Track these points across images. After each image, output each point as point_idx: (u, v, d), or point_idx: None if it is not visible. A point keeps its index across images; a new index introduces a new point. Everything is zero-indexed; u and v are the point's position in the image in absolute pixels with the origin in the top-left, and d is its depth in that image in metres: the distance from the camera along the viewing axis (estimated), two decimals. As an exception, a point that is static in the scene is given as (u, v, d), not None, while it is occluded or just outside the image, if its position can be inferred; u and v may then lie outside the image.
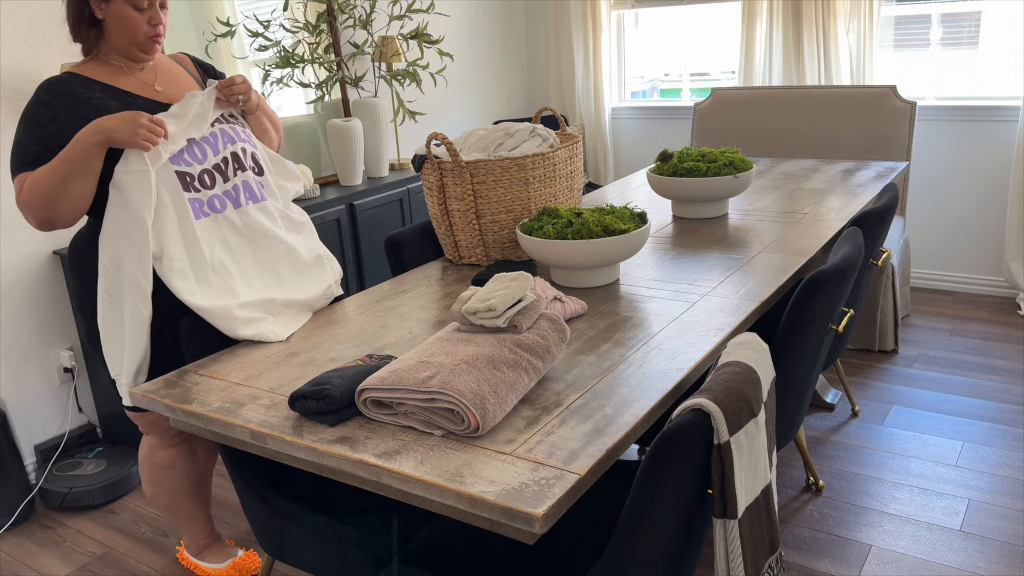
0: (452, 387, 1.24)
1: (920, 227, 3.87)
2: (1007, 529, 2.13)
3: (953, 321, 3.49)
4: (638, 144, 4.60)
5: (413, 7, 3.90)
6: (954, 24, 3.60)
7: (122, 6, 1.72)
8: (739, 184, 2.41)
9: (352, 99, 3.65)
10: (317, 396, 1.32)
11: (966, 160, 3.67)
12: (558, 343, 1.45)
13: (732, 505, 1.20)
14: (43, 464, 2.69)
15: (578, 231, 1.85)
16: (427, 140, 2.09)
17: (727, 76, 4.32)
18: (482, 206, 2.08)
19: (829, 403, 2.83)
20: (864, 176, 2.88)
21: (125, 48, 1.77)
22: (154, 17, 1.76)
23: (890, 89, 3.44)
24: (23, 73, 2.55)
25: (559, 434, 1.24)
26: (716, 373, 1.27)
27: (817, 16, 3.74)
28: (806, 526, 2.21)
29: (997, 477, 2.36)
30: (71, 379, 2.78)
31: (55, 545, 2.40)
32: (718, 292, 1.82)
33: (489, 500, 1.09)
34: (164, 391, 1.51)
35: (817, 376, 1.99)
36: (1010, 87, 3.54)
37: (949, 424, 2.66)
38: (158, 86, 1.84)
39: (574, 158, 2.20)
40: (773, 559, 1.33)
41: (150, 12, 1.75)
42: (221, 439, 1.42)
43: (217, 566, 2.15)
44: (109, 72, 1.79)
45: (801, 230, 2.27)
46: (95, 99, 1.73)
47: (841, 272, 1.73)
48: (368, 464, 1.21)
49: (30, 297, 2.65)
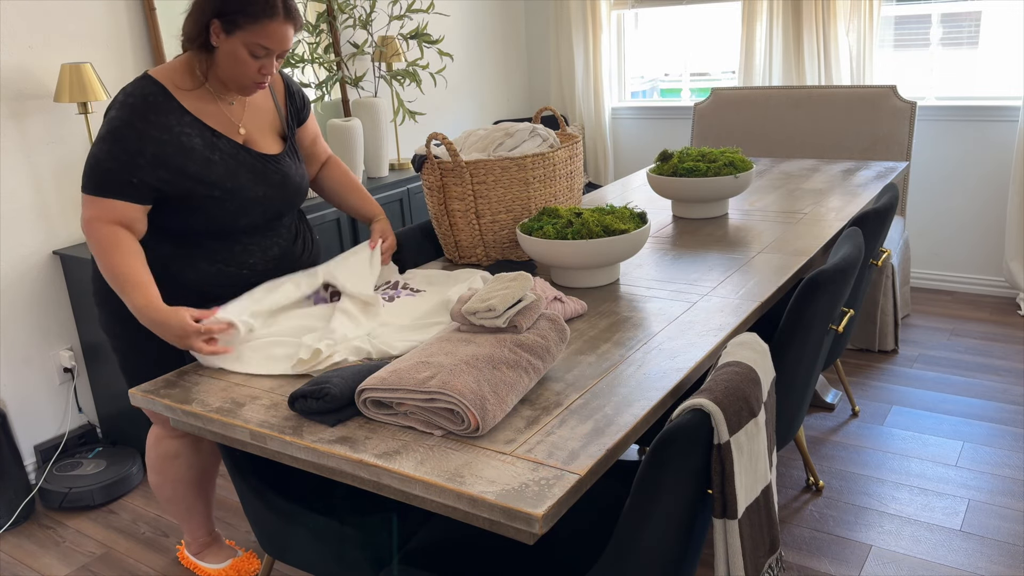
0: (452, 387, 1.24)
1: (920, 227, 3.87)
2: (1007, 529, 2.13)
3: (953, 321, 3.49)
4: (638, 144, 4.60)
5: (413, 7, 3.90)
6: (954, 24, 3.60)
7: (238, 47, 1.64)
8: (739, 184, 2.41)
9: (352, 99, 3.65)
10: (317, 396, 1.32)
11: (966, 160, 3.67)
12: (558, 343, 1.45)
13: (732, 505, 1.19)
14: (43, 464, 2.69)
15: (578, 231, 1.85)
16: (427, 140, 2.09)
17: (727, 76, 4.32)
18: (482, 206, 2.08)
19: (829, 403, 2.83)
20: (864, 176, 2.88)
21: (227, 82, 1.71)
22: (266, 67, 1.68)
23: (890, 89, 3.44)
24: (23, 73, 2.55)
25: (559, 434, 1.24)
26: (716, 373, 1.27)
27: (817, 16, 3.74)
28: (806, 526, 2.21)
29: (997, 477, 2.36)
30: (71, 379, 2.78)
31: (55, 545, 2.40)
32: (718, 292, 1.82)
33: (489, 500, 1.08)
34: (164, 391, 1.51)
35: (817, 376, 1.99)
36: (1010, 87, 3.54)
37: (949, 424, 2.66)
38: (242, 128, 1.79)
39: (574, 158, 2.20)
40: (773, 559, 1.33)
41: (264, 61, 1.67)
42: (221, 439, 1.42)
43: (217, 566, 2.15)
44: (200, 97, 1.73)
45: (801, 230, 2.27)
46: (184, 135, 1.67)
47: (841, 272, 1.73)
48: (368, 464, 1.20)
49: (30, 297, 2.65)
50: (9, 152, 2.54)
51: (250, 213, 1.79)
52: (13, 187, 2.55)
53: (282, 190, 1.83)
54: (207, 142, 1.71)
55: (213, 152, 1.72)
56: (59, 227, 2.69)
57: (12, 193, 2.56)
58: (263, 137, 1.83)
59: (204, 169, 1.70)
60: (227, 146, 1.74)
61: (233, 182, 1.74)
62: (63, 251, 2.66)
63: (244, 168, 1.76)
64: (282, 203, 1.85)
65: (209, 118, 1.74)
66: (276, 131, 1.88)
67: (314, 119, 2.02)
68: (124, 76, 2.82)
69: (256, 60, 1.66)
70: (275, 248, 1.88)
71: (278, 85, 1.91)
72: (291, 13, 1.67)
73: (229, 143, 1.75)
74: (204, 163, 1.70)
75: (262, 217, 1.82)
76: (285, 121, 1.89)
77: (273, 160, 1.82)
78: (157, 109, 1.66)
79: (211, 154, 1.71)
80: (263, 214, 1.82)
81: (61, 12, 2.63)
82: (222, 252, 1.80)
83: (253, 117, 1.82)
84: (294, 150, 1.90)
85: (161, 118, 1.66)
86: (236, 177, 1.74)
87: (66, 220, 2.70)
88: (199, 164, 1.69)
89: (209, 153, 1.71)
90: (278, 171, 1.82)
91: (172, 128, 1.66)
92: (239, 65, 1.66)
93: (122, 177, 1.62)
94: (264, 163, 1.80)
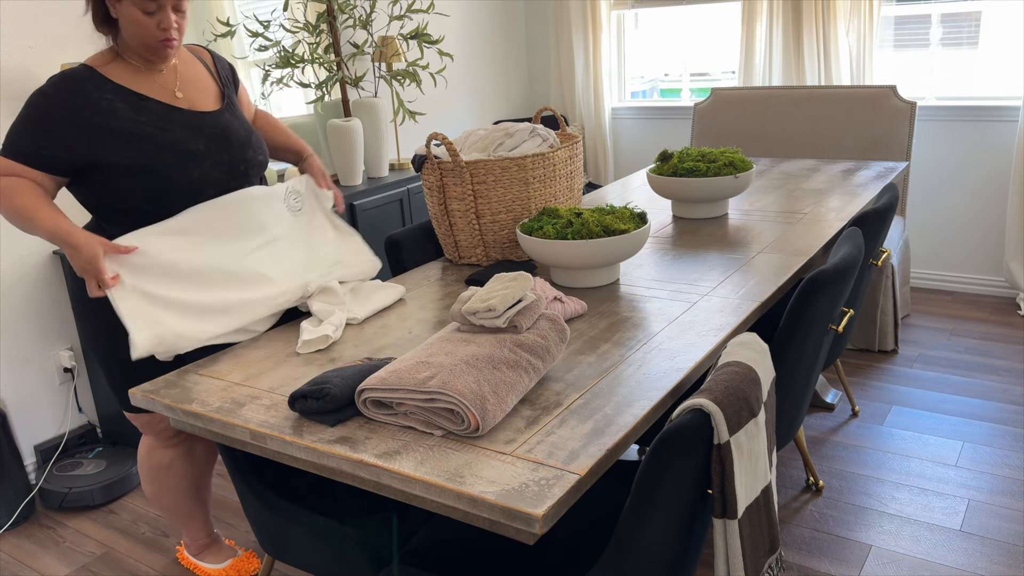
0: (452, 387, 1.24)
1: (920, 227, 3.87)
2: (1007, 529, 2.13)
3: (953, 321, 3.49)
4: (638, 144, 4.60)
5: (413, 7, 3.90)
6: (954, 24, 3.60)
7: (130, 8, 1.66)
8: (739, 184, 2.41)
9: (352, 99, 3.65)
10: (317, 396, 1.32)
11: (966, 160, 3.67)
12: (558, 343, 1.45)
13: (732, 505, 1.19)
14: (43, 464, 2.69)
15: (578, 231, 1.85)
16: (427, 140, 2.09)
17: (727, 76, 4.32)
18: (482, 206, 2.08)
19: (829, 403, 2.83)
20: (864, 176, 2.88)
21: (138, 50, 1.73)
22: (164, 21, 1.68)
23: (890, 89, 3.44)
24: (23, 73, 2.55)
25: (559, 434, 1.24)
26: (716, 373, 1.27)
27: (817, 16, 3.74)
28: (806, 526, 2.21)
29: (997, 477, 2.36)
30: (71, 379, 2.78)
31: (55, 545, 2.40)
32: (718, 292, 1.82)
33: (489, 500, 1.08)
34: (164, 391, 1.51)
35: (817, 376, 1.99)
36: (1010, 87, 3.54)
37: (949, 424, 2.66)
38: (179, 92, 1.80)
39: (574, 158, 2.20)
40: (773, 559, 1.33)
41: (160, 16, 1.67)
42: (221, 439, 1.42)
43: (216, 566, 2.15)
44: (127, 71, 1.74)
45: (801, 230, 2.27)
46: (104, 100, 1.69)
47: (841, 272, 1.73)
48: (368, 464, 1.20)
49: (30, 297, 2.65)
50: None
51: (199, 166, 1.77)
52: (13, 187, 2.55)
53: (225, 143, 1.82)
54: (132, 105, 1.72)
55: (140, 114, 1.72)
56: (59, 227, 2.69)
57: (12, 193, 2.56)
58: (202, 99, 1.84)
59: (132, 127, 1.70)
60: (157, 107, 1.75)
61: (165, 137, 1.73)
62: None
63: (177, 124, 1.76)
64: (233, 156, 1.83)
65: (138, 86, 1.76)
66: (214, 95, 1.88)
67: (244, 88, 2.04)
68: (124, 76, 2.82)
69: (151, 16, 1.68)
70: None
71: (206, 56, 1.93)
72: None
73: (159, 104, 1.76)
74: (130, 123, 1.70)
75: (218, 172, 1.80)
76: (219, 83, 1.90)
77: (210, 116, 1.82)
78: (74, 79, 1.68)
79: (137, 115, 1.72)
80: (217, 168, 1.80)
81: (61, 12, 2.63)
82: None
83: (189, 83, 1.84)
84: (233, 107, 1.90)
85: (77, 86, 1.68)
86: (169, 133, 1.74)
87: (66, 220, 2.70)
88: (125, 123, 1.70)
89: (135, 115, 1.72)
90: (216, 124, 1.82)
91: (90, 95, 1.68)
92: (138, 26, 1.68)
93: (29, 142, 1.65)
94: (200, 119, 1.80)
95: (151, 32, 1.69)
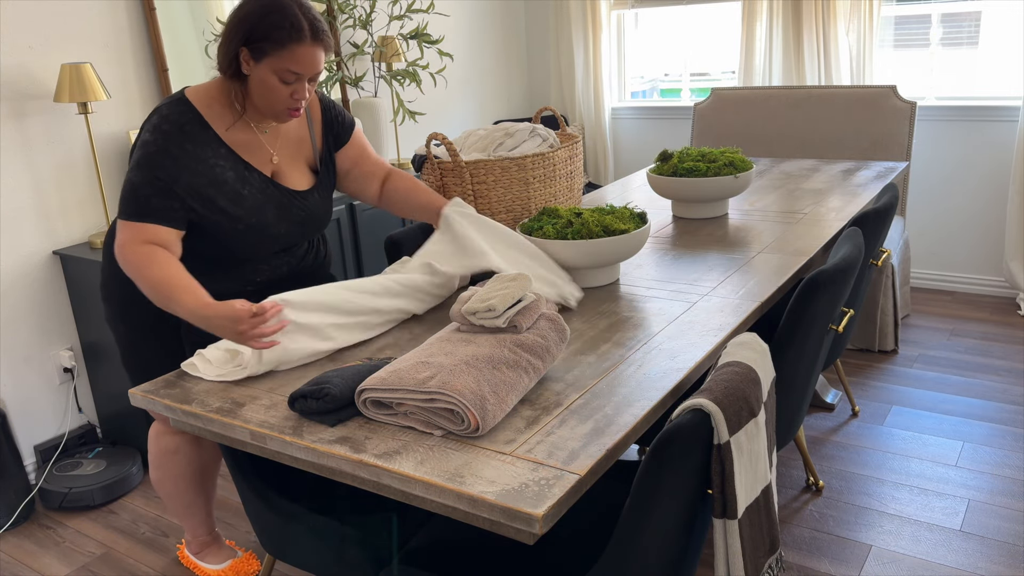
0: (452, 387, 1.24)
1: (920, 227, 3.87)
2: (1007, 529, 2.13)
3: (953, 321, 3.49)
4: (638, 144, 4.60)
5: (413, 7, 3.90)
6: (954, 24, 3.60)
7: (267, 74, 1.61)
8: (739, 184, 2.41)
9: (352, 99, 3.65)
10: (317, 396, 1.32)
11: (966, 160, 3.67)
12: (558, 343, 1.45)
13: (732, 505, 1.20)
14: (43, 464, 2.69)
15: (578, 231, 1.85)
16: (427, 140, 2.09)
17: (727, 76, 4.32)
18: (482, 206, 2.08)
19: (829, 403, 2.83)
20: (864, 176, 2.88)
21: (261, 110, 1.68)
22: (298, 92, 1.64)
23: (890, 89, 3.44)
24: (23, 73, 2.55)
25: (559, 434, 1.24)
26: (716, 373, 1.27)
27: (817, 16, 3.74)
28: (806, 526, 2.21)
29: (997, 477, 2.36)
30: (71, 379, 2.78)
31: (55, 545, 2.40)
32: (718, 292, 1.82)
33: (489, 500, 1.08)
34: (164, 391, 1.51)
35: (817, 376, 1.99)
36: (1010, 87, 3.54)
37: (949, 424, 2.66)
38: (275, 157, 1.76)
39: (574, 158, 2.20)
40: (773, 559, 1.33)
41: (296, 86, 1.63)
42: (221, 439, 1.42)
43: (216, 567, 2.15)
44: (233, 122, 1.71)
45: (801, 230, 2.27)
46: (218, 167, 1.66)
47: (841, 272, 1.73)
48: (368, 464, 1.21)
49: (30, 297, 2.65)
50: (9, 152, 2.54)
51: (269, 246, 1.78)
52: (13, 187, 2.56)
53: (302, 227, 1.82)
54: (239, 176, 1.70)
55: (244, 186, 1.70)
56: (59, 227, 2.69)
57: (12, 193, 2.56)
58: (294, 169, 1.81)
59: (233, 204, 1.69)
60: (257, 181, 1.73)
61: (259, 218, 1.72)
62: (63, 251, 2.66)
63: (271, 204, 1.74)
64: (300, 237, 1.85)
65: (243, 149, 1.72)
66: (308, 162, 1.85)
67: (359, 137, 1.95)
68: (124, 76, 2.82)
69: (287, 86, 1.63)
70: (284, 267, 1.87)
71: (315, 112, 1.86)
72: (319, 35, 1.62)
73: (260, 177, 1.73)
74: (234, 197, 1.69)
75: (279, 247, 1.82)
76: (319, 154, 1.86)
77: (300, 196, 1.80)
78: (194, 139, 1.64)
79: (241, 188, 1.70)
80: (281, 245, 1.81)
81: (61, 12, 2.63)
82: (232, 272, 1.79)
83: (286, 146, 1.80)
84: (324, 184, 1.87)
85: (197, 149, 1.64)
86: (263, 213, 1.73)
87: (66, 220, 2.70)
88: (229, 198, 1.68)
89: (240, 187, 1.69)
90: (303, 208, 1.80)
91: (207, 160, 1.65)
92: (271, 92, 1.63)
93: (159, 203, 1.61)
94: (291, 199, 1.78)
95: (282, 100, 1.64)
